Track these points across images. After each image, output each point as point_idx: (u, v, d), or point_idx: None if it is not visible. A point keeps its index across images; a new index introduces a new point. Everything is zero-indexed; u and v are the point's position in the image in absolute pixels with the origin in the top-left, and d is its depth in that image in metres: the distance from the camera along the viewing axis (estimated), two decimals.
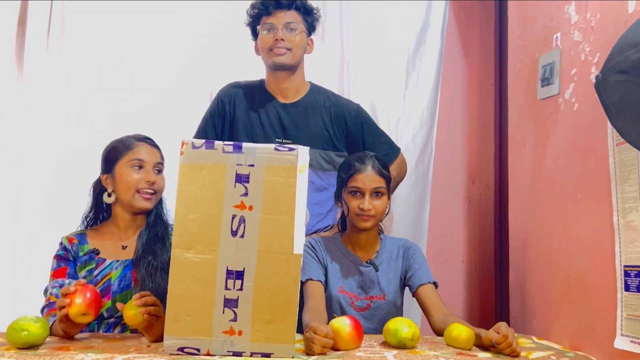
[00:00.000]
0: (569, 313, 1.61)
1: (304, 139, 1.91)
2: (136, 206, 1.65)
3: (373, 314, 1.70)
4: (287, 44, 1.89)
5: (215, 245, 1.23)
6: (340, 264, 1.73)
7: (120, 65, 2.33)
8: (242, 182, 1.24)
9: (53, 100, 2.31)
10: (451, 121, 2.59)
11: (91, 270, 1.62)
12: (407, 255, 1.75)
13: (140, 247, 1.63)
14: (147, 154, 1.67)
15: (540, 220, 1.80)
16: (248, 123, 1.96)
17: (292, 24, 1.90)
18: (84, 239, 1.67)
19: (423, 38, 2.47)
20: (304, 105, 1.99)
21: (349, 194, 1.70)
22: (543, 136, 1.80)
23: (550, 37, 1.78)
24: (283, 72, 1.95)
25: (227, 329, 1.23)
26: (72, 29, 2.35)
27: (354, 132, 2.01)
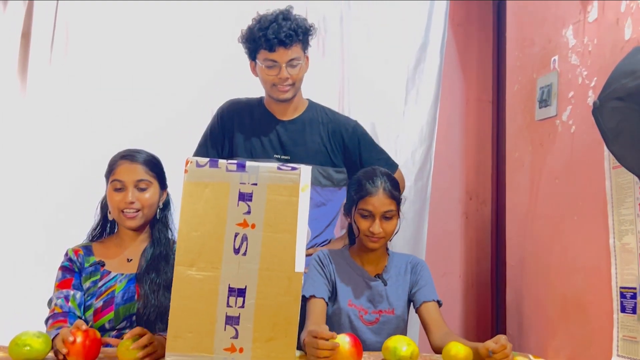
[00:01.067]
0: (566, 332, 1.63)
1: (302, 155, 1.94)
2: (123, 225, 1.67)
3: (382, 327, 1.70)
4: (290, 80, 1.89)
5: (217, 262, 1.24)
6: (349, 278, 1.74)
7: (123, 78, 2.35)
8: (245, 201, 1.26)
9: (56, 112, 2.32)
10: (449, 137, 2.61)
11: (96, 281, 1.63)
12: (414, 271, 1.76)
13: (144, 263, 1.64)
14: (126, 173, 1.64)
15: (537, 239, 1.82)
16: (247, 140, 1.97)
17: (294, 60, 1.87)
18: (90, 251, 1.68)
19: (423, 55, 2.50)
20: (301, 122, 2.00)
21: (359, 215, 1.69)
22: (540, 156, 1.83)
23: (548, 59, 1.81)
24: (286, 102, 1.97)
25: (229, 346, 1.23)
26: (76, 42, 2.36)
27: (351, 148, 2.02)
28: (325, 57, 2.47)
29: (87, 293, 1.62)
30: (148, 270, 1.63)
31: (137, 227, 1.67)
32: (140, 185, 1.65)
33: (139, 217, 1.65)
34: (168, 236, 1.71)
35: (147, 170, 1.67)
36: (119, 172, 1.65)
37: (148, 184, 1.66)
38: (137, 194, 1.64)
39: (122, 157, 1.67)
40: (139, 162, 1.67)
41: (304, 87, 2.09)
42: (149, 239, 1.70)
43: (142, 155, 1.69)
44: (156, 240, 1.68)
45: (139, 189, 1.65)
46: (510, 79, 2.07)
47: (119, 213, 1.65)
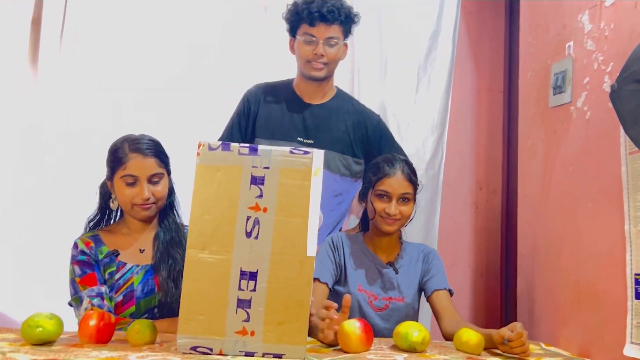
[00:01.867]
0: (578, 320, 1.62)
1: (325, 141, 1.95)
2: (136, 217, 1.65)
3: (390, 314, 1.70)
4: (325, 58, 1.90)
5: (229, 246, 1.24)
6: (361, 263, 1.74)
7: (134, 65, 2.35)
8: (257, 184, 1.25)
9: (67, 98, 2.33)
10: (459, 127, 2.59)
11: (112, 273, 1.61)
12: (426, 260, 1.76)
13: (158, 252, 1.64)
14: (140, 168, 1.60)
15: (549, 227, 1.81)
16: (270, 120, 1.98)
17: (333, 39, 1.90)
18: (99, 240, 1.65)
19: (434, 43, 2.48)
20: (328, 109, 2.01)
21: (375, 197, 1.69)
22: (554, 144, 1.81)
23: (563, 45, 1.79)
24: (316, 82, 1.98)
25: (240, 329, 1.23)
26: (86, 30, 2.37)
27: (373, 141, 2.03)
28: None
29: (106, 285, 1.60)
30: (163, 259, 1.62)
31: (150, 218, 1.66)
32: (154, 179, 1.62)
33: (153, 209, 1.64)
34: (176, 220, 1.71)
35: (159, 163, 1.64)
36: (131, 167, 1.60)
37: (160, 176, 1.64)
38: (152, 188, 1.62)
39: (134, 150, 1.61)
40: (151, 156, 1.62)
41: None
42: (157, 226, 1.69)
43: (154, 147, 1.64)
44: (166, 227, 1.68)
45: (152, 183, 1.62)
46: (524, 66, 2.05)
47: (131, 206, 1.62)
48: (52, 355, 1.20)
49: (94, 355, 1.22)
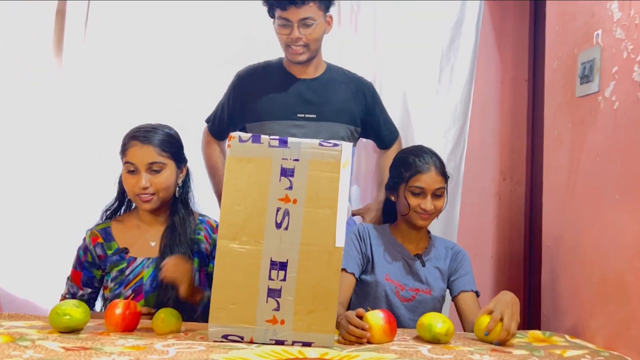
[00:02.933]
0: (604, 313, 1.61)
1: (328, 113, 1.94)
2: (140, 208, 1.64)
3: (417, 306, 1.72)
4: (302, 41, 1.86)
5: (260, 236, 1.26)
6: (388, 254, 1.75)
7: (159, 54, 2.37)
8: (287, 176, 1.27)
9: (91, 88, 2.36)
10: (483, 116, 2.58)
11: (122, 269, 1.61)
12: (455, 259, 1.78)
13: (163, 250, 1.61)
14: (138, 156, 1.58)
15: (575, 219, 1.80)
16: (266, 102, 1.95)
17: (308, 20, 1.83)
18: (109, 234, 1.64)
19: (457, 32, 2.46)
20: (325, 81, 1.99)
21: (410, 193, 1.70)
22: (581, 134, 1.79)
23: (591, 33, 1.76)
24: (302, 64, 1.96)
25: (270, 317, 1.26)
26: (110, 19, 2.39)
27: (371, 108, 2.04)
28: (357, 33, 2.45)
29: (115, 281, 1.61)
30: (165, 256, 1.58)
31: (154, 209, 1.63)
32: (154, 167, 1.58)
33: (154, 201, 1.60)
34: (187, 216, 1.66)
35: (160, 151, 1.59)
36: (130, 154, 1.59)
37: (162, 165, 1.59)
38: (151, 177, 1.58)
39: (133, 138, 1.60)
40: (151, 143, 1.58)
41: (334, 61, 2.10)
42: (168, 220, 1.66)
43: (155, 135, 1.61)
44: (175, 222, 1.64)
45: (153, 172, 1.59)
46: (550, 55, 2.03)
47: (134, 196, 1.61)
48: (79, 343, 1.23)
49: (120, 343, 1.26)
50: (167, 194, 1.63)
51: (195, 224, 1.68)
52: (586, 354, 1.41)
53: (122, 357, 1.13)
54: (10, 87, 2.28)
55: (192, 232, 1.65)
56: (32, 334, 1.30)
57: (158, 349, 1.22)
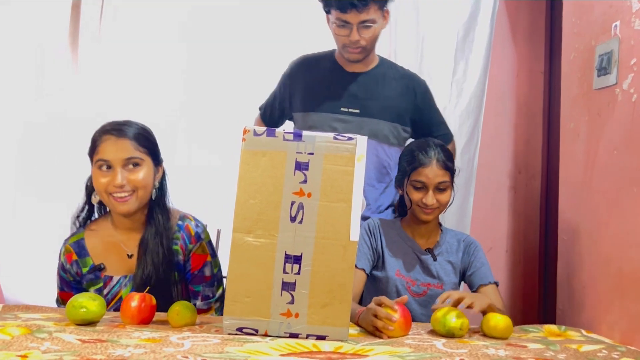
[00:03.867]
0: (621, 307, 1.60)
1: (373, 109, 1.89)
2: (115, 211, 1.49)
3: (429, 301, 1.70)
4: (361, 42, 1.81)
5: (274, 230, 1.26)
6: (399, 249, 1.73)
7: (172, 51, 2.38)
8: (302, 170, 1.27)
9: (106, 82, 2.38)
10: (498, 109, 2.56)
11: (100, 289, 1.54)
12: (468, 251, 1.75)
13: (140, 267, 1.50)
14: (113, 151, 1.44)
15: (592, 212, 1.78)
16: (313, 93, 1.93)
17: (368, 22, 1.78)
18: (83, 248, 1.54)
19: (472, 25, 2.44)
20: (374, 76, 1.93)
21: (411, 187, 1.67)
22: (598, 127, 1.77)
23: (609, 25, 1.74)
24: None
25: (285, 311, 1.26)
26: (125, 14, 2.40)
27: (421, 107, 1.96)
28: None
29: None
30: (143, 275, 1.49)
31: (131, 212, 1.49)
32: (131, 162, 1.46)
33: (133, 201, 1.47)
34: (165, 223, 1.53)
35: (137, 146, 1.47)
36: (103, 150, 1.45)
37: (140, 161, 1.47)
38: (127, 174, 1.45)
39: (106, 132, 1.47)
40: (127, 136, 1.46)
41: None
42: (144, 226, 1.53)
43: (130, 128, 1.48)
44: (152, 230, 1.51)
45: (130, 168, 1.46)
46: (567, 47, 2.00)
47: (107, 197, 1.47)
48: (96, 335, 1.24)
49: (136, 335, 1.26)
50: (146, 193, 1.50)
51: (173, 232, 1.55)
52: (602, 348, 1.40)
53: (137, 350, 1.14)
54: (26, 82, 2.30)
55: (169, 242, 1.52)
56: (49, 326, 1.31)
57: (173, 341, 1.23)
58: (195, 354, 1.12)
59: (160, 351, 1.13)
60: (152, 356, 1.10)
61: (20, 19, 2.29)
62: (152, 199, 1.53)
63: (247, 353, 1.15)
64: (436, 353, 1.25)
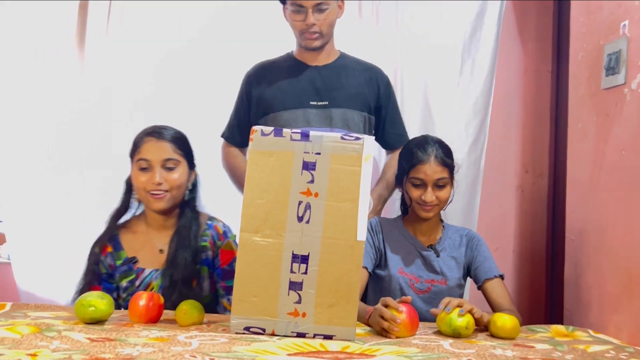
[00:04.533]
0: (629, 308, 1.59)
1: (341, 99, 1.90)
2: (150, 207, 1.61)
3: (433, 297, 1.69)
4: (317, 27, 1.83)
5: (281, 230, 1.27)
6: (401, 247, 1.73)
7: (179, 50, 2.38)
8: (309, 170, 1.27)
9: (113, 82, 2.38)
10: (505, 108, 2.55)
11: (132, 281, 1.61)
12: (470, 246, 1.74)
13: (170, 259, 1.58)
14: (153, 152, 1.58)
15: (600, 212, 1.77)
16: (277, 93, 1.93)
17: (322, 5, 1.81)
18: (118, 242, 1.64)
19: (480, 23, 2.43)
20: (336, 67, 1.95)
21: (410, 184, 1.67)
22: (606, 127, 1.76)
23: (617, 24, 1.73)
24: (315, 51, 1.93)
25: (292, 310, 1.27)
26: (132, 13, 2.40)
27: (383, 101, 1.97)
28: (379, 25, 2.43)
29: (127, 292, 1.62)
30: (172, 266, 1.57)
31: (165, 209, 1.60)
32: (168, 164, 1.58)
33: (167, 199, 1.59)
34: (195, 222, 1.63)
35: (175, 149, 1.60)
36: (144, 151, 1.58)
37: (176, 163, 1.60)
38: (165, 173, 1.58)
39: (148, 134, 1.61)
40: (166, 139, 1.59)
41: (355, 53, 2.07)
42: (176, 225, 1.63)
43: (169, 132, 1.62)
44: (183, 226, 1.61)
45: (167, 169, 1.58)
46: (575, 47, 1.99)
47: (145, 194, 1.59)
48: (104, 334, 1.25)
49: (144, 334, 1.28)
50: (179, 193, 1.62)
51: (202, 230, 1.66)
52: (610, 349, 1.39)
53: (146, 349, 1.15)
54: (34, 81, 2.31)
55: (198, 239, 1.63)
56: (58, 325, 1.32)
57: (181, 340, 1.24)
58: (203, 353, 1.13)
59: (168, 350, 1.14)
60: (160, 355, 1.10)
61: (26, 19, 2.30)
62: (184, 200, 1.64)
63: (254, 352, 1.15)
64: (443, 353, 1.25)
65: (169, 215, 1.64)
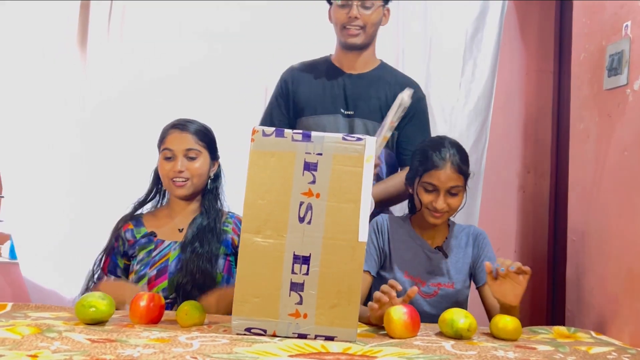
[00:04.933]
0: (631, 309, 1.58)
1: (364, 110, 1.89)
2: (173, 194, 1.72)
3: (440, 301, 1.67)
4: (360, 22, 1.83)
5: (283, 230, 1.26)
6: (407, 248, 1.70)
7: (179, 52, 2.39)
8: (310, 170, 1.27)
9: (115, 82, 2.38)
10: (507, 109, 2.55)
11: (150, 251, 1.68)
12: (477, 244, 1.71)
13: (190, 234, 1.68)
14: (176, 142, 1.69)
15: (602, 213, 1.77)
16: (311, 97, 1.92)
17: (367, 2, 1.82)
18: (140, 222, 1.74)
19: (481, 23, 2.43)
20: (369, 78, 1.93)
21: (422, 189, 1.62)
22: (608, 127, 1.76)
23: (620, 25, 1.72)
24: (355, 51, 1.91)
25: (293, 311, 1.26)
26: (133, 13, 2.41)
27: (405, 117, 1.86)
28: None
29: (141, 263, 1.67)
30: (192, 241, 1.66)
31: (187, 196, 1.71)
32: (190, 154, 1.69)
33: (188, 186, 1.69)
34: (217, 207, 1.74)
35: (197, 140, 1.70)
36: (169, 141, 1.70)
37: (197, 153, 1.70)
38: (187, 163, 1.68)
39: (173, 127, 1.72)
40: (189, 131, 1.70)
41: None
42: (199, 210, 1.74)
43: (193, 125, 1.73)
44: (205, 211, 1.72)
45: (189, 158, 1.69)
46: (577, 47, 1.99)
47: (169, 182, 1.70)
48: (105, 335, 1.25)
49: (145, 335, 1.27)
50: (200, 181, 1.71)
51: (225, 218, 1.75)
52: (612, 350, 1.39)
53: (146, 350, 1.14)
54: (35, 81, 2.31)
55: (220, 222, 1.72)
56: (58, 326, 1.32)
57: (182, 341, 1.23)
58: (204, 354, 1.13)
59: (169, 351, 1.14)
60: (161, 356, 1.10)
61: (28, 19, 2.30)
62: (207, 189, 1.75)
63: (255, 354, 1.15)
64: (445, 355, 1.24)
65: (191, 200, 1.74)
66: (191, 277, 1.61)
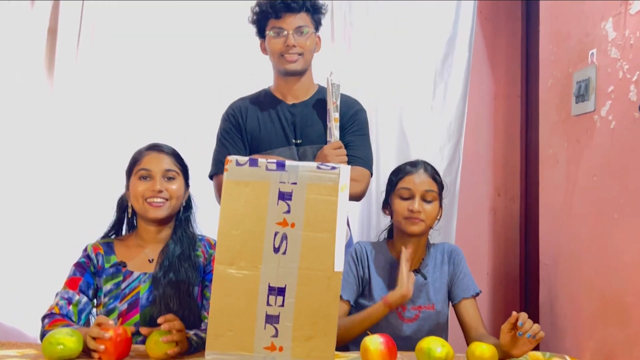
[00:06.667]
0: (604, 334, 1.60)
1: (312, 137, 1.87)
2: (148, 216, 1.62)
3: (422, 324, 1.67)
4: (298, 49, 1.82)
5: (257, 261, 1.23)
6: (386, 274, 1.69)
7: (149, 74, 2.36)
8: (285, 200, 1.25)
9: (82, 109, 2.35)
10: (477, 133, 2.58)
11: (118, 283, 1.59)
12: (452, 261, 1.72)
13: (164, 264, 1.59)
14: (154, 162, 1.62)
15: (573, 237, 1.79)
16: (262, 131, 1.89)
17: (302, 28, 1.82)
18: (111, 249, 1.65)
19: (451, 49, 2.47)
20: (311, 104, 1.92)
21: (397, 197, 1.66)
22: (577, 153, 1.79)
23: (586, 53, 1.77)
24: (294, 77, 1.89)
25: (269, 344, 1.23)
26: (102, 40, 2.38)
27: (347, 125, 1.88)
28: (351, 51, 2.46)
29: (109, 295, 1.58)
30: (167, 271, 1.58)
31: (162, 218, 1.62)
32: (169, 174, 1.63)
33: (166, 208, 1.61)
34: (190, 234, 1.67)
35: (175, 162, 1.65)
36: (145, 162, 1.63)
37: (176, 174, 1.64)
38: (166, 183, 1.61)
39: (149, 149, 1.66)
40: (166, 152, 1.66)
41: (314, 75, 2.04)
42: (169, 238, 1.65)
43: (169, 147, 1.69)
44: (177, 239, 1.64)
45: (167, 179, 1.62)
46: (544, 74, 2.03)
47: (143, 202, 1.60)
48: None
49: None
50: (177, 204, 1.65)
51: (195, 241, 1.68)
52: None
53: None
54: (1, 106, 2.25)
55: (194, 250, 1.65)
56: None
57: None
58: None
59: None
60: None
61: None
62: (179, 216, 1.68)
63: None
64: None
65: (163, 226, 1.66)
66: (167, 311, 1.49)
